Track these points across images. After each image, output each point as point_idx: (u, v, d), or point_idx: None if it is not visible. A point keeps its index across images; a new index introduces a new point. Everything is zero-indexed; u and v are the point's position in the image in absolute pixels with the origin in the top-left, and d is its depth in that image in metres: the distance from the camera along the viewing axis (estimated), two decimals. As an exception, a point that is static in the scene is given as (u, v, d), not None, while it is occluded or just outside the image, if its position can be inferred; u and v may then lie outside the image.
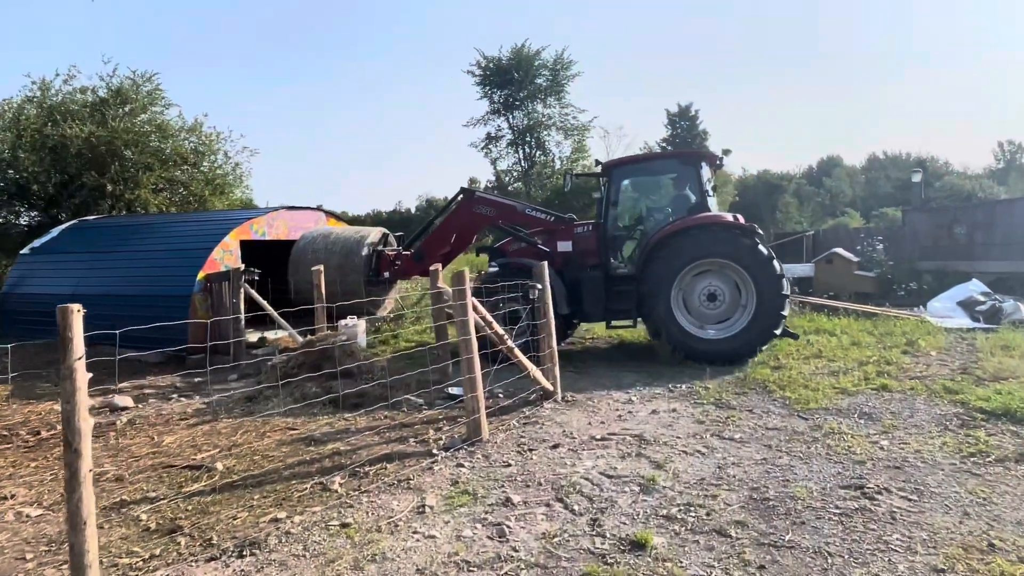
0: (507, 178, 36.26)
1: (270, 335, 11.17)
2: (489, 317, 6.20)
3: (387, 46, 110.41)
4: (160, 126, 16.73)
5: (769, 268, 8.46)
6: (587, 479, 4.76)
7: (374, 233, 11.20)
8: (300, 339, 9.29)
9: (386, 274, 10.26)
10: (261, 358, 9.28)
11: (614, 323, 9.55)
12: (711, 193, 9.22)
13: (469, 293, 5.66)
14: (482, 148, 35.44)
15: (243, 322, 9.90)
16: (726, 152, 10.94)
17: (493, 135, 35.10)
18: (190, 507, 4.53)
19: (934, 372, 7.79)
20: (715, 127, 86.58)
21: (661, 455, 5.23)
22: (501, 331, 6.38)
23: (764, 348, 8.73)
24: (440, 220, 10.06)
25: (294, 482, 4.92)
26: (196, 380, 9.11)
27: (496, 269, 9.25)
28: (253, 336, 11.12)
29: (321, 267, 9.07)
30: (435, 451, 5.44)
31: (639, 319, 9.20)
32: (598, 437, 5.75)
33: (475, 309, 5.89)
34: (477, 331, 6.33)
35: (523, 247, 9.63)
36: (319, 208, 12.57)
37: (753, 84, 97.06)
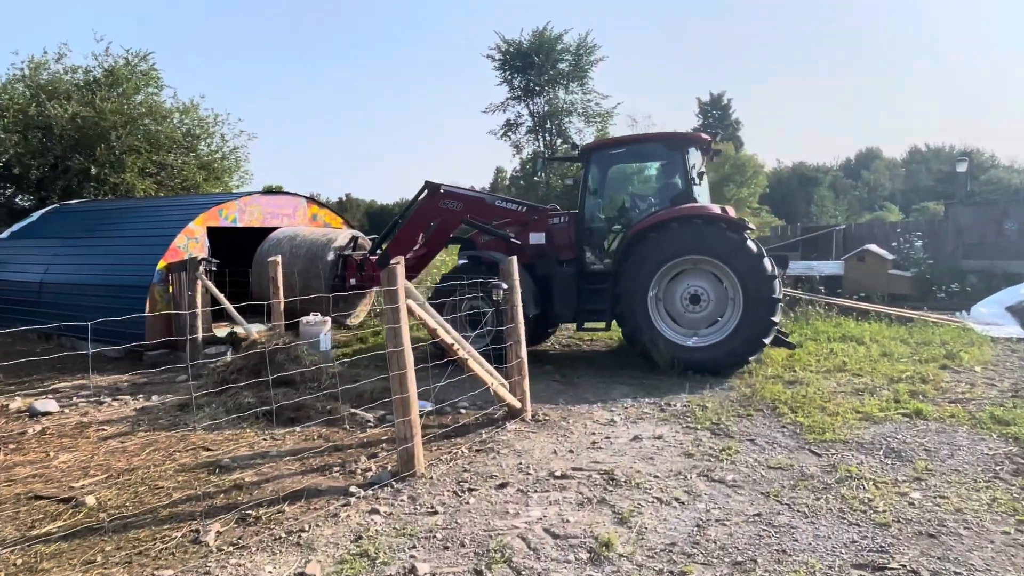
0: (529, 166, 35.14)
1: (243, 330, 10.32)
2: (433, 323, 5.18)
3: (415, 28, 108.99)
4: (151, 108, 15.97)
5: (759, 268, 7.43)
6: (525, 539, 3.73)
7: (342, 236, 10.43)
8: (255, 336, 8.38)
9: (352, 281, 9.53)
10: (210, 359, 8.42)
11: (587, 325, 8.71)
12: (697, 181, 8.20)
13: (403, 293, 4.65)
14: (501, 135, 34.33)
15: (199, 316, 9.03)
16: (714, 135, 9.71)
17: (512, 122, 33.95)
18: (20, 561, 3.61)
19: (979, 394, 6.56)
20: (748, 117, 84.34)
21: (629, 503, 4.17)
22: (450, 338, 5.36)
23: (752, 359, 7.68)
24: (405, 219, 9.35)
25: (166, 527, 3.97)
26: (141, 381, 8.29)
27: (464, 263, 8.38)
28: (222, 331, 10.28)
29: (279, 258, 8.15)
30: (354, 488, 4.45)
31: (613, 321, 8.27)
32: (558, 474, 4.71)
33: (412, 312, 4.88)
34: (431, 336, 5.39)
35: (493, 240, 8.79)
36: (300, 194, 11.62)
37: (789, 73, 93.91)
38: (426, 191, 9.08)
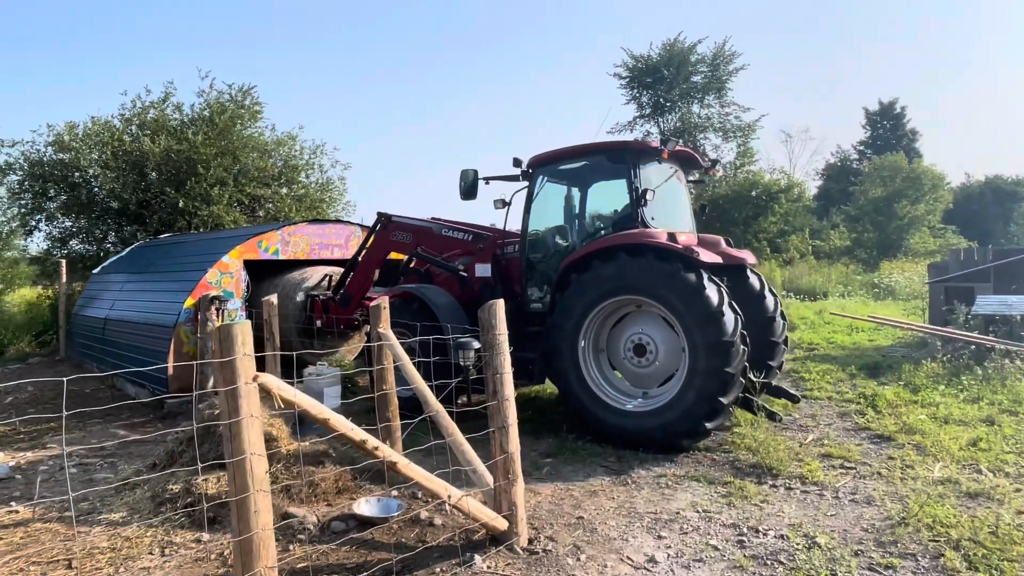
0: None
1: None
2: (323, 411, 3.31)
3: (537, 44, 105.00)
4: (246, 142, 15.77)
5: (699, 302, 5.62)
6: None
7: (316, 275, 9.39)
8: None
9: (318, 322, 8.88)
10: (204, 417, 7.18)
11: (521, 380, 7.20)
12: (645, 202, 6.38)
13: (245, 367, 2.87)
14: (629, 156, 32.03)
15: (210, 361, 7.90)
16: (665, 141, 6.96)
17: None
18: None
19: None
20: (927, 126, 74.42)
21: None
22: (370, 439, 3.48)
23: (711, 426, 5.66)
24: (362, 255, 8.72)
25: None
26: (133, 439, 7.21)
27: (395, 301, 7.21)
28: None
29: (273, 297, 6.80)
30: None
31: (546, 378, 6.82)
32: None
33: (273, 393, 3.09)
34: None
35: (446, 274, 7.79)
36: (353, 223, 10.37)
37: (978, 72, 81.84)
38: (378, 222, 8.48)
